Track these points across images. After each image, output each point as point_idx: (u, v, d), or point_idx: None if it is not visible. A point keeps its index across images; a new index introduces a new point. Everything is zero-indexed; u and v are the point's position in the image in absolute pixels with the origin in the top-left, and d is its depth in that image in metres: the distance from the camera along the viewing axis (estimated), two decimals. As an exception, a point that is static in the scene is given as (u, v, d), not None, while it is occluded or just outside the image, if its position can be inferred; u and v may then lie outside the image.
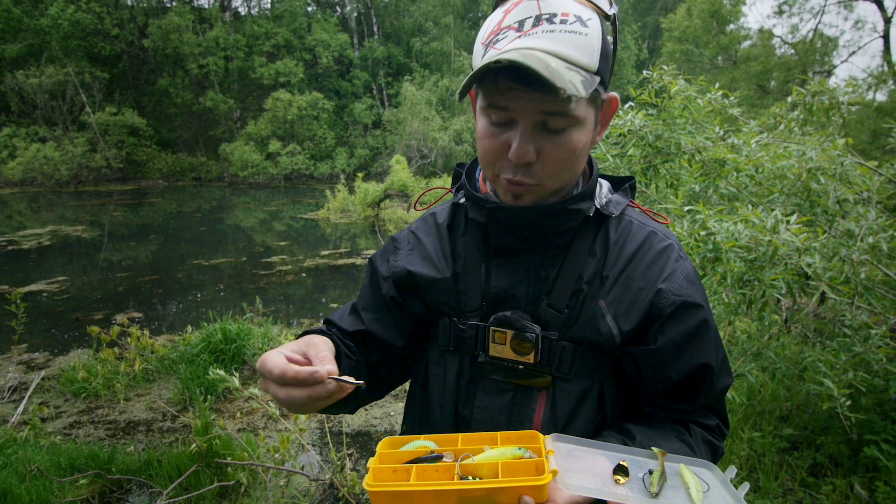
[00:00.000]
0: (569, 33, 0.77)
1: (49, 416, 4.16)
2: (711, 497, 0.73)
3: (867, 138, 13.40)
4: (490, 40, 0.81)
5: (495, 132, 0.84)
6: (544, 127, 0.81)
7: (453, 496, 0.69)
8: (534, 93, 0.76)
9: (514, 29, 0.78)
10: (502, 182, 0.88)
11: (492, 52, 0.79)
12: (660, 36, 32.91)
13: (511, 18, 0.79)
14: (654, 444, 0.85)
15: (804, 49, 19.74)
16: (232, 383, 3.21)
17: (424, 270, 0.99)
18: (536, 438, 0.80)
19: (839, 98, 2.90)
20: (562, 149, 0.82)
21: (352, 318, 1.05)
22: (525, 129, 0.80)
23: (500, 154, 0.85)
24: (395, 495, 0.70)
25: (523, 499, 0.69)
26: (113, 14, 30.12)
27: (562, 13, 0.77)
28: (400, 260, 1.03)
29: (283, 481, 3.28)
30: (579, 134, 0.83)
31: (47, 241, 12.45)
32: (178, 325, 6.64)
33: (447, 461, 0.76)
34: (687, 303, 0.90)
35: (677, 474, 0.77)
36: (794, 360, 2.49)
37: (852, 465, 2.84)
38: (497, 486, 0.69)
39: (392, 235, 1.10)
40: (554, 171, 0.85)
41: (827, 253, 2.23)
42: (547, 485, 0.70)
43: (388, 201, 16.22)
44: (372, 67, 36.05)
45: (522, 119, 0.80)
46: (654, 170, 2.85)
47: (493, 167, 0.87)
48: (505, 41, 0.78)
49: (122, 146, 28.94)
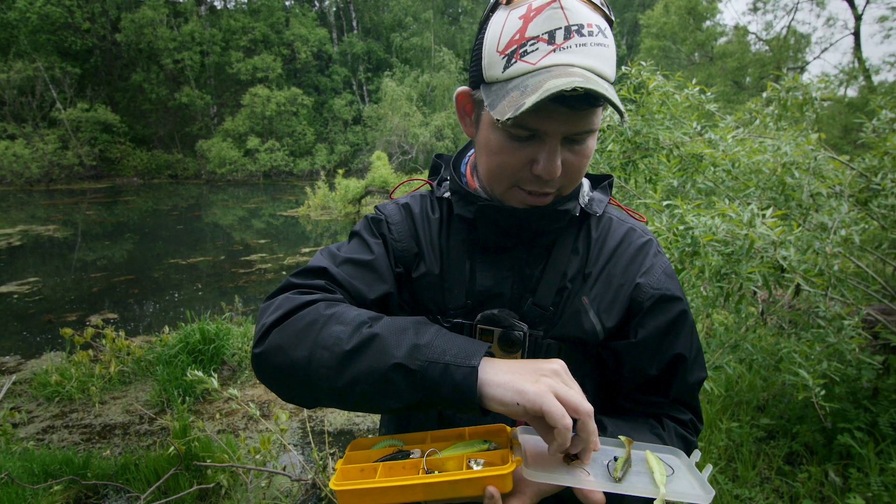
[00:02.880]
0: (597, 46, 0.76)
1: (21, 422, 4.05)
2: (676, 481, 0.73)
3: (839, 133, 13.70)
4: (513, 50, 0.76)
5: (516, 147, 0.81)
6: (568, 140, 0.81)
7: (419, 490, 0.69)
8: (569, 112, 0.76)
9: (545, 41, 0.75)
10: (518, 195, 0.87)
11: (522, 66, 0.76)
12: (638, 32, 33.23)
13: (537, 28, 0.75)
14: (626, 435, 0.85)
15: (778, 46, 20.10)
16: (211, 384, 3.16)
17: (419, 259, 0.97)
18: (503, 431, 0.81)
19: (812, 94, 2.94)
20: (581, 157, 0.83)
21: (369, 277, 0.92)
22: (554, 146, 0.79)
23: (520, 168, 0.83)
24: (362, 493, 0.69)
25: (488, 489, 0.69)
26: (84, 7, 29.35)
27: (587, 24, 0.75)
28: (401, 237, 0.98)
29: (265, 482, 3.25)
30: (593, 141, 0.84)
31: (17, 241, 12.11)
32: (154, 325, 6.51)
33: (415, 458, 0.76)
34: (665, 296, 0.91)
35: (643, 461, 0.77)
36: (770, 352, 2.54)
37: (827, 453, 2.91)
38: (461, 478, 0.69)
39: (377, 206, 1.04)
40: (573, 179, 0.86)
41: (801, 246, 2.27)
42: (511, 474, 0.70)
43: (369, 198, 16.15)
44: (351, 63, 35.79)
45: (552, 137, 0.79)
46: (634, 165, 2.87)
47: (510, 181, 0.86)
48: (537, 54, 0.75)
49: (95, 143, 28.32)
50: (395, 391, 0.73)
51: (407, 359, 0.72)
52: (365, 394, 0.74)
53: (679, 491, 0.71)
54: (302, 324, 0.79)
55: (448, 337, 0.75)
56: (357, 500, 0.70)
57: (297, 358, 0.77)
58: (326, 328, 0.77)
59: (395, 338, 0.74)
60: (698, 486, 0.72)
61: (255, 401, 4.34)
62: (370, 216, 1.02)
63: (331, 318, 0.78)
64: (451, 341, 0.74)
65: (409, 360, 0.72)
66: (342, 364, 0.74)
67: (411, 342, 0.73)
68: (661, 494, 0.69)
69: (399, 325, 0.77)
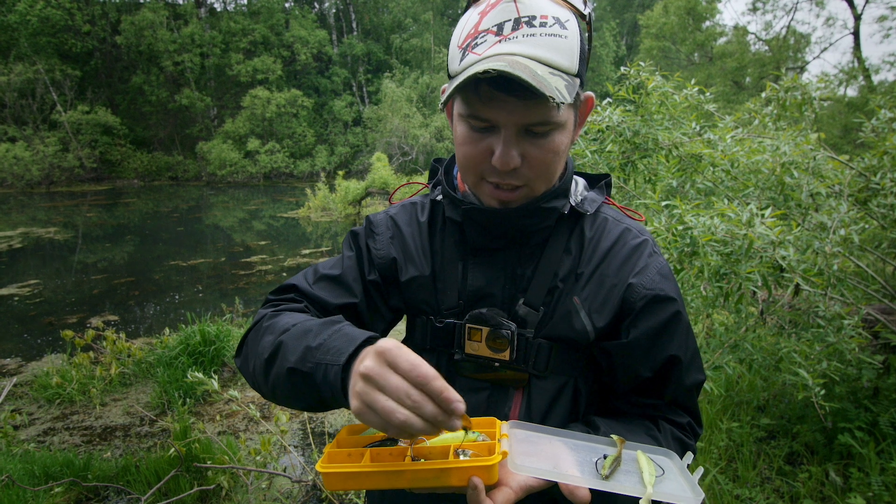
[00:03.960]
0: (549, 36, 0.76)
1: (22, 424, 4.05)
2: (665, 482, 0.73)
3: (839, 133, 13.70)
4: (467, 44, 0.79)
5: (476, 138, 0.82)
6: (527, 132, 0.80)
7: (404, 477, 0.69)
8: (517, 101, 0.76)
9: (494, 33, 0.76)
10: (486, 188, 0.87)
11: (471, 57, 0.77)
12: (637, 33, 33.25)
13: (489, 21, 0.77)
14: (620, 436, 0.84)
15: (778, 45, 20.10)
16: (211, 386, 3.16)
17: (405, 264, 0.98)
18: (493, 424, 0.81)
19: (811, 93, 2.94)
20: (545, 151, 0.82)
21: (336, 289, 0.97)
22: (508, 137, 0.79)
23: (482, 160, 0.84)
24: (347, 476, 0.70)
25: (472, 479, 0.69)
26: (84, 10, 29.39)
27: (541, 15, 0.76)
28: (381, 246, 1.00)
29: (265, 484, 3.25)
30: (561, 136, 0.83)
31: (18, 244, 12.12)
32: (155, 327, 6.52)
33: (403, 445, 0.77)
34: (658, 296, 0.90)
35: (634, 460, 0.77)
36: (770, 351, 2.53)
37: (827, 453, 2.90)
38: (446, 467, 0.69)
39: (367, 216, 1.06)
40: (539, 174, 0.84)
41: (801, 245, 2.26)
42: (496, 465, 0.70)
43: (369, 199, 16.15)
44: (351, 64, 35.81)
45: (505, 127, 0.79)
46: (633, 165, 2.87)
47: (476, 173, 0.86)
48: (484, 45, 0.77)
49: (96, 145, 28.32)
50: (299, 393, 0.77)
51: (299, 363, 0.75)
52: (286, 396, 0.81)
53: (668, 492, 0.70)
54: (253, 336, 0.89)
55: (339, 335, 0.75)
56: (342, 483, 0.71)
57: (248, 368, 0.88)
58: (261, 339, 0.85)
59: (295, 343, 0.78)
60: (688, 487, 0.72)
61: (255, 402, 4.35)
62: (355, 228, 1.06)
63: (266, 329, 0.86)
64: (338, 339, 0.74)
65: (300, 364, 0.75)
66: (265, 371, 0.82)
67: (305, 345, 0.76)
68: (648, 494, 0.68)
69: (305, 329, 0.80)
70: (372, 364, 0.63)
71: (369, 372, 0.63)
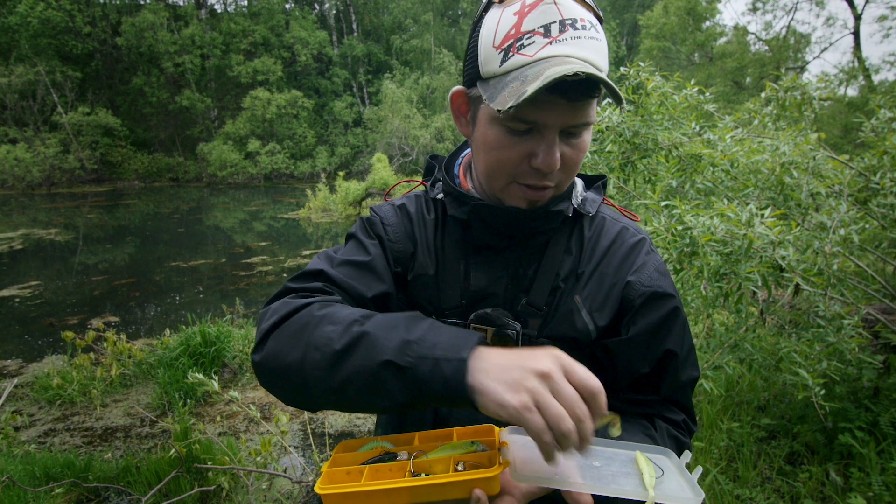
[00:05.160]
0: (590, 39, 0.78)
1: (23, 425, 4.06)
2: (665, 482, 0.73)
3: (839, 132, 13.70)
4: (510, 44, 0.78)
5: (514, 141, 0.82)
6: (565, 132, 0.82)
7: (404, 493, 0.68)
8: (567, 104, 0.77)
9: (541, 34, 0.76)
10: (517, 190, 0.87)
11: (519, 58, 0.77)
12: (638, 33, 33.24)
13: (532, 22, 0.77)
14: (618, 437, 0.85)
15: (778, 45, 20.10)
16: (212, 387, 3.16)
17: (416, 260, 0.98)
18: (492, 432, 0.80)
19: (811, 93, 2.95)
20: (578, 151, 0.84)
21: (367, 277, 0.91)
22: (552, 138, 0.80)
23: (518, 163, 0.84)
24: (347, 496, 0.69)
25: (474, 492, 0.68)
26: (84, 12, 29.42)
27: (580, 18, 0.78)
28: (398, 238, 0.98)
29: (266, 484, 3.25)
30: (589, 135, 0.86)
31: (19, 245, 12.13)
32: (156, 328, 6.52)
33: (402, 460, 0.76)
34: (657, 293, 0.91)
35: (633, 462, 0.77)
36: (770, 351, 2.53)
37: (828, 453, 2.90)
38: (447, 481, 0.68)
39: (372, 207, 1.04)
40: (570, 173, 0.87)
41: (800, 245, 2.26)
42: (498, 476, 0.69)
43: (369, 200, 16.16)
44: (352, 65, 35.82)
45: (551, 129, 0.80)
46: (632, 165, 2.87)
47: (508, 176, 0.86)
48: (534, 47, 0.76)
49: (97, 147, 28.34)
50: (386, 390, 0.70)
51: (397, 355, 0.69)
52: (358, 394, 0.72)
53: (668, 493, 0.70)
54: (295, 327, 0.78)
55: (440, 330, 0.72)
56: (342, 503, 0.69)
57: (291, 361, 0.76)
58: (318, 329, 0.75)
59: (385, 334, 0.72)
60: (688, 487, 0.72)
61: (255, 403, 4.35)
62: (365, 218, 1.02)
63: (323, 318, 0.77)
64: (443, 334, 0.71)
65: (398, 357, 0.69)
66: (333, 364, 0.73)
67: (401, 338, 0.71)
68: (650, 497, 0.68)
69: (390, 322, 0.74)
70: (552, 366, 0.63)
71: (550, 372, 0.62)
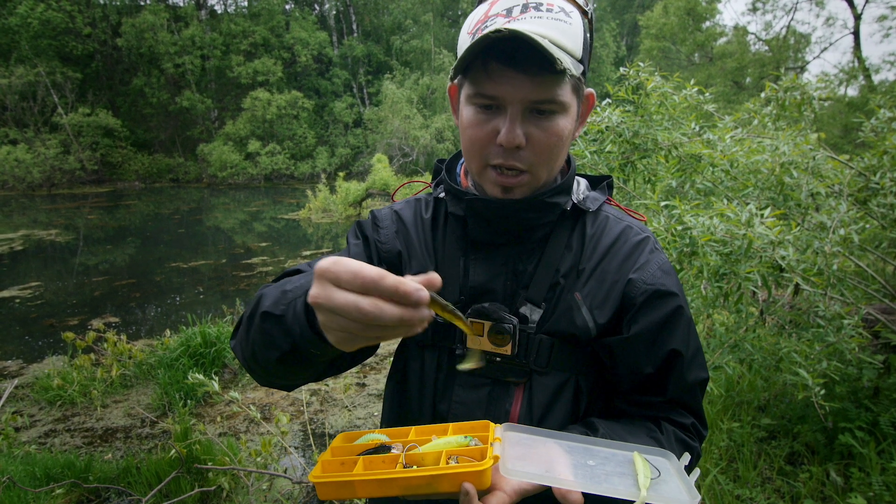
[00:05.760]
0: (555, 20, 0.81)
1: (23, 426, 4.06)
2: (661, 484, 0.72)
3: (839, 132, 13.69)
4: (478, 28, 0.84)
5: (483, 119, 0.84)
6: (532, 112, 0.82)
7: (396, 485, 0.69)
8: (524, 78, 0.78)
9: (503, 16, 0.82)
10: (490, 174, 0.88)
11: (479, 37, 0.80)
12: (637, 33, 33.24)
13: (498, 7, 0.83)
14: (621, 439, 0.84)
15: (777, 45, 20.10)
16: (212, 387, 3.16)
17: (409, 259, 0.99)
18: (487, 428, 0.80)
19: (811, 93, 2.95)
20: (549, 134, 0.84)
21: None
22: (514, 114, 0.81)
23: (488, 141, 0.85)
24: (340, 485, 0.70)
25: (463, 485, 0.68)
26: (84, 13, 29.43)
27: (547, 3, 0.81)
28: (387, 239, 1.01)
29: (266, 485, 3.25)
30: (564, 121, 0.84)
31: (20, 246, 12.14)
32: (156, 329, 6.52)
33: (396, 452, 0.76)
34: (659, 291, 0.90)
35: (630, 462, 0.76)
36: (770, 351, 2.53)
37: (828, 453, 2.90)
38: (437, 473, 0.69)
39: (371, 210, 1.07)
40: (542, 158, 0.85)
41: (800, 245, 2.27)
42: (488, 470, 0.70)
43: (369, 200, 16.17)
44: (352, 66, 35.83)
45: (511, 105, 0.81)
46: (632, 166, 2.87)
47: (481, 156, 0.87)
48: (493, 26, 0.80)
49: (97, 147, 28.34)
50: (273, 341, 0.72)
51: (272, 306, 0.72)
52: (261, 350, 0.75)
53: (663, 494, 0.69)
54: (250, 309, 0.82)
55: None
56: (335, 492, 0.71)
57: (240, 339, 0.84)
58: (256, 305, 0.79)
59: (273, 291, 0.75)
60: (684, 489, 0.71)
61: (256, 403, 4.35)
62: (360, 220, 1.06)
63: (257, 298, 0.80)
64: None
65: (273, 307, 0.72)
66: (246, 331, 0.79)
67: (280, 290, 0.74)
68: (642, 497, 0.67)
69: (286, 280, 0.78)
70: (316, 290, 0.57)
71: (316, 298, 0.57)
